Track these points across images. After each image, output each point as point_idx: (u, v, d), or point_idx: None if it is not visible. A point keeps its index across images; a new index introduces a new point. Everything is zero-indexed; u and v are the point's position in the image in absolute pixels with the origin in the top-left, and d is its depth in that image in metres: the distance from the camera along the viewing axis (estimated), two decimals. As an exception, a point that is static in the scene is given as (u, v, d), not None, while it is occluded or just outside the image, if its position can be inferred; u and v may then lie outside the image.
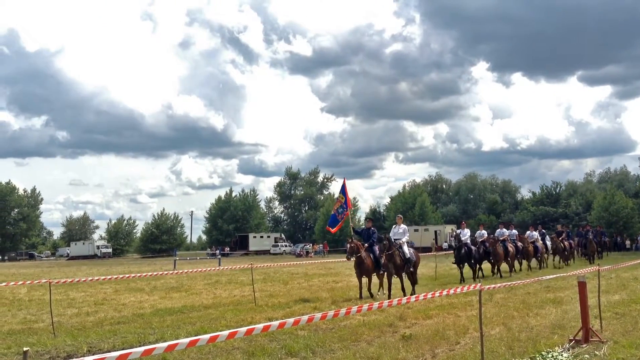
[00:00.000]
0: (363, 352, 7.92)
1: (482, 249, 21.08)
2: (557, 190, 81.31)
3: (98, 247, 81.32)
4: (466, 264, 20.39)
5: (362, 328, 9.78)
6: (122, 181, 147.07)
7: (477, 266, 20.94)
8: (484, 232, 22.79)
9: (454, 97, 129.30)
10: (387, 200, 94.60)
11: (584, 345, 8.09)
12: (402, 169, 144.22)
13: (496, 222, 72.85)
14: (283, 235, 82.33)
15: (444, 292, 7.20)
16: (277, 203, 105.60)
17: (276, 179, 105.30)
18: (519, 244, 23.34)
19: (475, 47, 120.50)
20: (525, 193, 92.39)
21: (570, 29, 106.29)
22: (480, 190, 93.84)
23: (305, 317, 4.57)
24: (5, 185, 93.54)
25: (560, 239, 27.32)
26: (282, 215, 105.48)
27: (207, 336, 3.85)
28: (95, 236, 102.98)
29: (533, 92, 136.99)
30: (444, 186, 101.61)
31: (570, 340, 8.30)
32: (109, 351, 8.47)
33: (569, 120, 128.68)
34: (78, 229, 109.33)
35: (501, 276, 20.75)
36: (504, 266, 22.33)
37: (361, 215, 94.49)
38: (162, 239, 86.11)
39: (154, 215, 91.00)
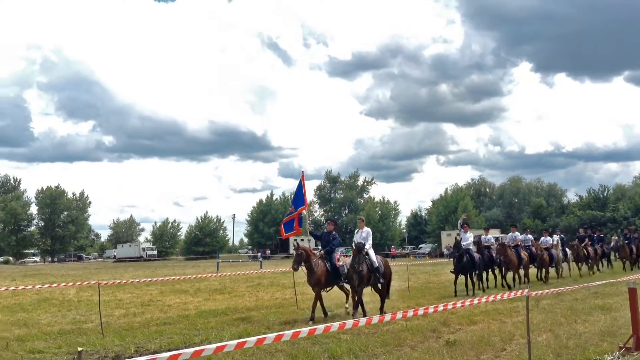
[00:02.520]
0: (406, 357, 7.87)
1: (487, 256, 18.42)
2: (605, 194, 79.10)
3: (144, 249, 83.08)
4: (467, 274, 17.28)
5: (405, 333, 9.72)
6: (166, 185, 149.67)
7: (481, 276, 18.15)
8: (491, 236, 20.51)
9: (495, 98, 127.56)
10: (428, 204, 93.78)
11: (635, 353, 7.85)
12: (443, 172, 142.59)
13: (542, 226, 71.37)
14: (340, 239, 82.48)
15: (490, 298, 7.10)
16: (317, 206, 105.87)
17: (316, 183, 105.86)
18: (534, 250, 20.82)
19: (517, 48, 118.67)
20: (571, 197, 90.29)
21: (616, 27, 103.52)
22: (524, 194, 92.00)
23: (350, 322, 4.59)
24: (55, 189, 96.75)
25: (583, 245, 24.17)
26: (322, 218, 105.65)
27: (254, 338, 3.91)
28: (141, 238, 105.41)
29: (578, 93, 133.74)
30: (487, 190, 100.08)
31: (620, 348, 8.06)
32: (156, 352, 8.69)
33: (615, 121, 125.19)
34: (124, 232, 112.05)
35: (509, 287, 18.01)
36: (512, 275, 19.46)
37: (402, 219, 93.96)
38: (205, 241, 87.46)
39: (197, 218, 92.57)
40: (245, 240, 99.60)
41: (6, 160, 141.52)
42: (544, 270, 21.01)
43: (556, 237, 22.60)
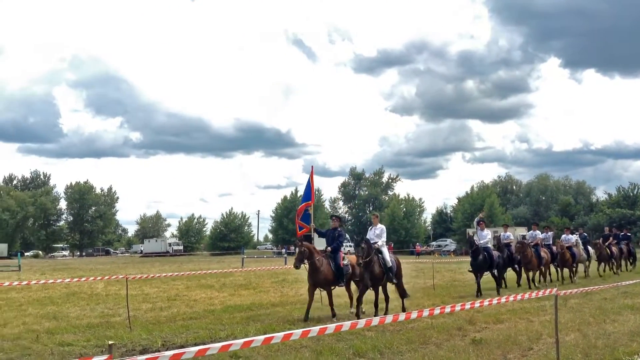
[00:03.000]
0: (432, 355, 7.83)
1: (507, 254, 17.84)
2: (635, 192, 77.59)
3: (170, 245, 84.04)
4: (485, 273, 16.58)
5: (431, 331, 9.67)
6: (192, 181, 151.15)
7: (501, 275, 17.51)
8: (509, 234, 19.87)
9: (523, 95, 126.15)
10: (454, 202, 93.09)
11: (667, 355, 7.69)
12: (469, 170, 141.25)
13: (570, 224, 70.25)
14: (347, 236, 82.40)
15: (518, 297, 7.02)
16: (341, 203, 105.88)
17: (340, 179, 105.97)
18: (555, 249, 19.99)
19: (545, 44, 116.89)
20: (600, 195, 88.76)
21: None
22: (552, 191, 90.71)
23: (376, 319, 4.58)
24: (84, 185, 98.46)
25: (606, 244, 23.15)
26: (347, 215, 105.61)
27: (281, 334, 3.93)
28: (167, 234, 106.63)
29: (607, 89, 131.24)
30: (514, 187, 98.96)
31: (652, 349, 7.91)
32: (183, 346, 8.79)
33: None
34: (151, 227, 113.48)
35: (529, 286, 17.57)
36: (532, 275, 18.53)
37: (427, 216, 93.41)
38: (230, 237, 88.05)
39: (222, 214, 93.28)
40: (270, 236, 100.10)
41: (36, 155, 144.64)
42: (565, 270, 20.21)
43: (574, 236, 21.46)
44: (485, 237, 16.67)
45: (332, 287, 12.22)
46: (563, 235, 21.27)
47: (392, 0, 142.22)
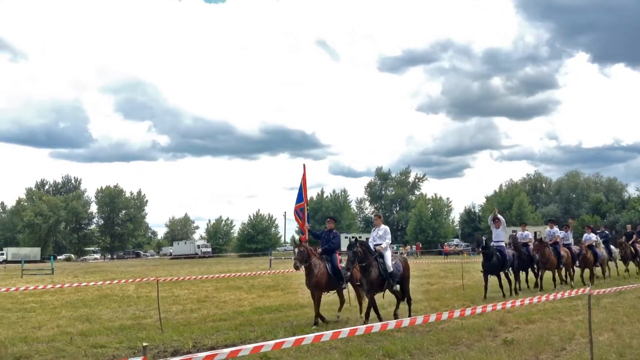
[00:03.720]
0: (463, 356, 7.76)
1: (525, 254, 17.07)
2: (669, 188, 75.81)
3: (198, 247, 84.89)
4: (498, 274, 15.74)
5: (461, 332, 9.59)
6: (219, 183, 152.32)
7: (517, 276, 16.56)
8: (528, 232, 18.87)
9: (551, 91, 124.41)
10: (482, 201, 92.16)
11: None
12: (497, 168, 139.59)
13: (601, 222, 68.91)
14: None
15: (550, 297, 6.92)
16: (367, 204, 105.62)
17: (366, 180, 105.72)
18: (576, 248, 19.07)
19: (573, 39, 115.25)
20: (632, 192, 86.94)
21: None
22: (583, 189, 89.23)
23: (407, 320, 4.56)
24: (114, 188, 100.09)
25: (630, 242, 22.09)
26: (373, 215, 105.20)
27: (311, 335, 3.94)
28: (196, 236, 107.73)
29: (637, 83, 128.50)
30: (544, 185, 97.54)
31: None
32: (214, 347, 8.88)
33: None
34: (180, 229, 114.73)
35: (541, 288, 16.91)
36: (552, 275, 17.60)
37: (455, 216, 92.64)
38: (257, 238, 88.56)
39: (249, 216, 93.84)
40: (297, 237, 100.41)
41: (66, 160, 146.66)
42: (587, 270, 19.13)
43: (594, 236, 20.26)
44: (499, 236, 15.88)
45: (328, 292, 11.67)
46: (585, 235, 20.23)
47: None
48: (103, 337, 10.38)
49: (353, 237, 14.20)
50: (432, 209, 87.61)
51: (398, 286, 11.56)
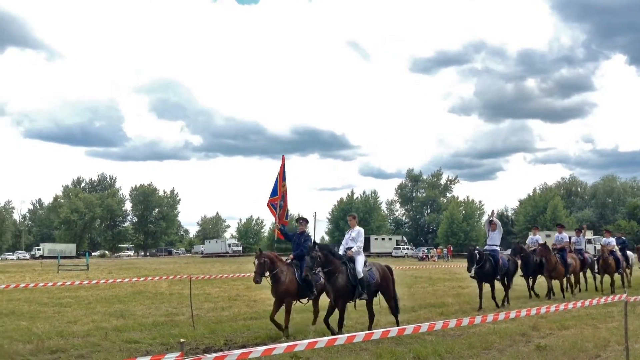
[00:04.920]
0: (495, 360, 7.69)
1: (535, 260, 16.18)
2: None
3: (229, 246, 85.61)
4: (491, 282, 14.33)
5: (493, 336, 9.48)
6: (250, 182, 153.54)
7: (509, 282, 15.10)
8: (539, 237, 17.69)
9: (586, 93, 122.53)
10: (515, 204, 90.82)
11: None
12: (531, 171, 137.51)
13: (638, 228, 67.27)
14: (405, 238, 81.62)
15: (586, 303, 6.81)
16: (398, 205, 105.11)
17: (396, 181, 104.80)
18: (588, 255, 18.02)
19: (610, 40, 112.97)
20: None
21: None
22: (619, 193, 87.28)
23: (440, 322, 4.55)
24: (148, 187, 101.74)
25: None
26: (404, 217, 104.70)
27: (344, 336, 3.96)
28: (227, 235, 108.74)
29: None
30: (579, 189, 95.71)
31: None
32: (245, 345, 8.97)
33: None
34: (211, 228, 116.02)
35: (552, 295, 16.18)
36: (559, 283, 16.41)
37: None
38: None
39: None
40: (327, 238, 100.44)
41: (102, 158, 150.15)
42: (609, 277, 17.79)
43: (613, 240, 18.98)
44: (495, 239, 14.61)
45: (295, 301, 10.65)
46: (604, 239, 19.01)
47: None
48: (137, 333, 10.56)
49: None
50: (463, 212, 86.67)
51: (366, 297, 10.13)
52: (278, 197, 12.01)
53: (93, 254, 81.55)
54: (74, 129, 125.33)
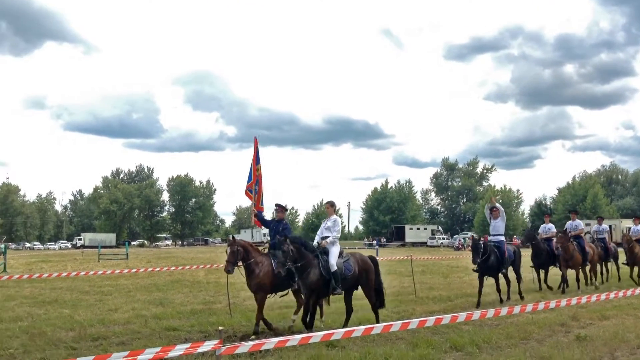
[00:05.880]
0: (534, 351, 7.56)
1: (547, 250, 15.44)
2: None
3: (264, 235, 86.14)
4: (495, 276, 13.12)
5: (532, 326, 9.33)
6: (284, 172, 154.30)
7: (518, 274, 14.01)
8: (552, 225, 16.85)
9: (627, 79, 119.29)
10: (554, 193, 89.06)
11: None
12: (570, 159, 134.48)
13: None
14: (440, 228, 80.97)
15: (628, 293, 6.64)
16: (433, 195, 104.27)
17: (431, 170, 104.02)
18: (612, 244, 17.06)
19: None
20: None
21: None
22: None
23: (477, 312, 4.50)
24: (184, 177, 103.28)
25: None
26: (439, 207, 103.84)
27: (380, 325, 3.97)
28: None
29: None
30: (620, 177, 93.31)
31: None
32: (280, 334, 9.03)
33: None
34: (247, 218, 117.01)
35: (567, 286, 15.02)
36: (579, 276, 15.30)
37: (525, 208, 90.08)
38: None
39: (313, 206, 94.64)
40: (361, 228, 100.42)
41: (139, 150, 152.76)
42: (637, 268, 16.65)
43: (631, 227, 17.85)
44: (498, 229, 13.43)
45: (284, 293, 10.15)
46: (632, 227, 17.64)
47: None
48: (175, 321, 10.76)
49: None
50: (500, 201, 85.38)
51: (341, 291, 9.35)
52: (253, 182, 11.38)
53: (132, 243, 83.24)
54: (111, 121, 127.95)
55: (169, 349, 4.27)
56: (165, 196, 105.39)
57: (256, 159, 11.55)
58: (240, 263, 9.59)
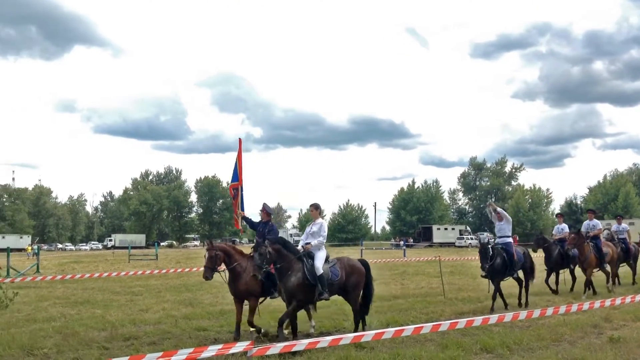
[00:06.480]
0: (566, 352, 7.45)
1: (559, 251, 14.78)
2: None
3: (291, 235, 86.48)
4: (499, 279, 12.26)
5: (563, 328, 9.19)
6: (309, 173, 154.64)
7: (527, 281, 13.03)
8: (565, 225, 16.11)
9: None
10: (584, 192, 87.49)
11: None
12: (600, 157, 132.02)
13: None
14: (468, 228, 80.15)
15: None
16: (461, 194, 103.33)
17: (458, 170, 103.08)
18: (633, 244, 16.36)
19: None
20: None
21: None
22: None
23: (509, 314, 4.46)
24: (212, 179, 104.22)
25: None
26: (467, 207, 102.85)
27: (411, 327, 3.96)
28: (288, 225, 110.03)
29: None
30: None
31: None
32: (309, 335, 9.06)
33: None
34: (273, 218, 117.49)
35: (593, 290, 14.23)
36: (598, 279, 14.90)
37: (555, 208, 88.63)
38: (348, 228, 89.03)
39: (339, 206, 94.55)
40: (387, 228, 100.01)
41: (167, 152, 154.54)
42: None
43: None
44: (504, 230, 12.60)
45: (261, 300, 9.66)
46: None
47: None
48: (205, 321, 10.86)
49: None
50: (530, 200, 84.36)
51: (327, 297, 8.89)
52: (239, 183, 11.17)
53: (161, 244, 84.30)
54: (140, 123, 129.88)
55: (201, 350, 4.32)
56: (194, 197, 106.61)
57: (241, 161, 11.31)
58: (222, 268, 9.21)
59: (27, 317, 11.59)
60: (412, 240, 72.93)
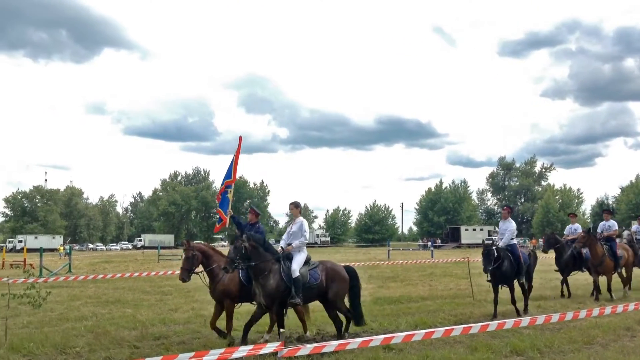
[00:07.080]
0: (598, 355, 7.33)
1: (572, 253, 14.27)
2: None
3: (317, 236, 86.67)
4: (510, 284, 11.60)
5: (595, 330, 9.04)
6: (336, 173, 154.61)
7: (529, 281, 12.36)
8: (578, 225, 15.66)
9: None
10: (616, 192, 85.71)
11: None
12: (633, 156, 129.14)
13: None
14: (497, 228, 79.07)
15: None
16: (489, 195, 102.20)
17: (486, 170, 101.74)
18: None
19: None
20: None
21: None
22: None
23: (542, 317, 4.41)
24: (239, 179, 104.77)
25: None
26: (496, 207, 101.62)
27: (441, 329, 3.94)
28: (315, 225, 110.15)
29: None
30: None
31: None
32: (300, 339, 9.04)
33: None
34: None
35: (597, 295, 13.98)
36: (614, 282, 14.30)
37: (586, 208, 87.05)
38: (374, 229, 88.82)
39: (366, 207, 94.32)
40: (415, 229, 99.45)
41: (195, 153, 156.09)
42: None
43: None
44: (510, 229, 11.71)
45: (240, 304, 9.24)
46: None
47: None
48: (234, 321, 10.91)
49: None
50: (560, 201, 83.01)
51: (299, 301, 8.46)
52: (232, 180, 10.78)
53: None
54: (168, 125, 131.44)
55: (232, 350, 4.36)
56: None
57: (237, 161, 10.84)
58: (200, 269, 8.99)
59: (60, 316, 11.83)
60: (439, 241, 72.36)
